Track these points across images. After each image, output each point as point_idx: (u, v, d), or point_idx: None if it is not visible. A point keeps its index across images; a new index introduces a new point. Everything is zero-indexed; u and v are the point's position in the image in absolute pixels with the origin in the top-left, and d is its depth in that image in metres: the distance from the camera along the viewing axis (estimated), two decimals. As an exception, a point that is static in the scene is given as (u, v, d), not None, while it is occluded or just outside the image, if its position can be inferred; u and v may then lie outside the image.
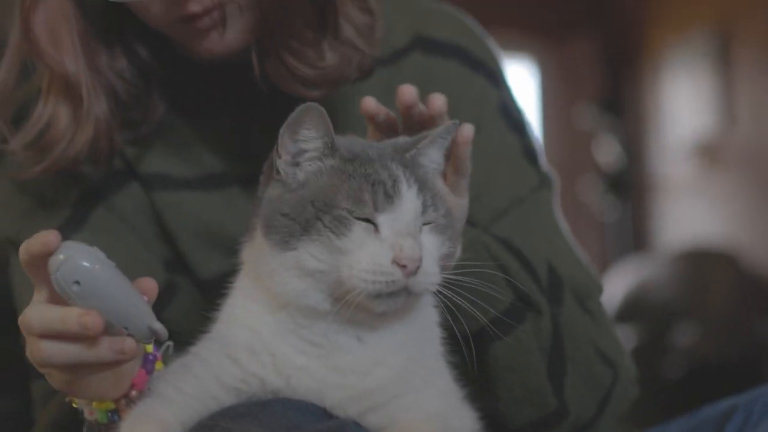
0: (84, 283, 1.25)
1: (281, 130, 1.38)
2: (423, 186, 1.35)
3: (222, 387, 1.38)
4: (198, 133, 1.83)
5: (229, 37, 1.66)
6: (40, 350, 1.29)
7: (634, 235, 8.83)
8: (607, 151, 8.83)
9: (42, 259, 1.27)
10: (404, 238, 1.29)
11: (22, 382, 1.79)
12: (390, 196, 1.31)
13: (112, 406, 1.43)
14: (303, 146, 1.37)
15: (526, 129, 1.93)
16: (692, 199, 8.10)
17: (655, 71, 8.60)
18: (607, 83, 9.18)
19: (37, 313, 1.29)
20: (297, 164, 1.38)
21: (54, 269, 1.25)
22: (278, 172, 1.39)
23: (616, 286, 6.16)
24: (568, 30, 9.24)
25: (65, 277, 1.25)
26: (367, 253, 1.29)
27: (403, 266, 1.28)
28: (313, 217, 1.32)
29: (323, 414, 1.37)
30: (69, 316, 1.26)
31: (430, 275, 1.32)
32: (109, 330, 1.28)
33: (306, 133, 1.37)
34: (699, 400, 1.88)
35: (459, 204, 1.54)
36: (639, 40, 8.91)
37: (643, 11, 8.89)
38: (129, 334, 1.29)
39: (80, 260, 1.25)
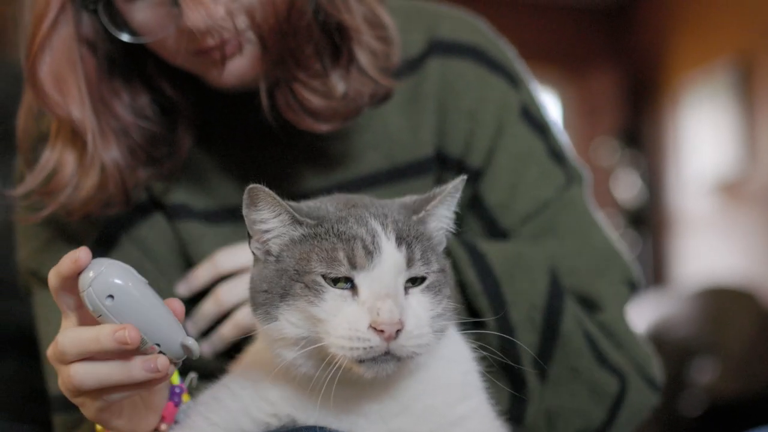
0: (117, 298, 1.24)
1: (243, 212, 1.35)
2: (411, 240, 1.29)
3: (252, 421, 1.38)
4: (217, 166, 1.84)
5: (243, 66, 1.65)
6: (71, 376, 1.27)
7: (653, 271, 8.80)
8: (627, 186, 8.81)
9: (72, 279, 1.26)
10: (382, 300, 1.24)
11: (47, 413, 1.79)
12: (369, 252, 1.26)
13: None
14: (262, 227, 1.34)
15: (550, 128, 1.92)
16: (712, 235, 8.08)
17: (675, 105, 8.59)
18: (628, 117, 9.18)
19: (69, 338, 1.27)
20: (266, 242, 1.35)
21: (86, 285, 1.24)
22: (254, 253, 1.37)
23: (636, 321, 6.10)
24: (589, 64, 9.26)
25: (98, 293, 1.23)
26: (344, 319, 1.25)
27: (381, 331, 1.23)
28: (289, 285, 1.29)
29: None
30: (104, 334, 1.24)
31: (416, 338, 1.25)
32: (141, 348, 1.26)
33: (260, 215, 1.33)
34: (717, 437, 1.87)
35: None
36: (659, 73, 8.91)
37: (663, 45, 8.89)
38: (161, 352, 1.27)
39: (112, 275, 1.24)
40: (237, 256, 1.70)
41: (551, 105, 9.04)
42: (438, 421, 1.36)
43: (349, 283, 1.27)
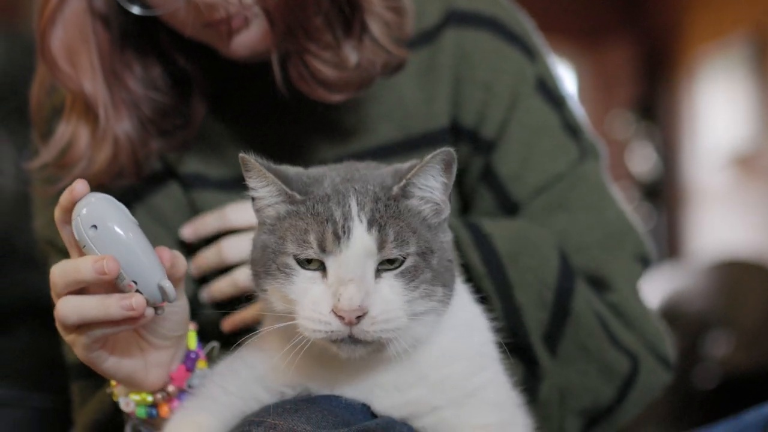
0: (100, 229, 1.26)
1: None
2: (385, 221, 1.28)
3: (266, 390, 1.39)
4: (233, 135, 1.84)
5: (252, 39, 1.65)
6: (58, 310, 1.30)
7: (668, 244, 8.79)
8: (642, 160, 8.79)
9: (70, 212, 1.29)
10: (345, 285, 1.24)
11: (61, 383, 1.81)
12: (338, 237, 1.26)
13: (149, 399, 1.45)
14: (255, 194, 1.35)
15: (566, 102, 1.91)
16: (727, 208, 8.06)
17: (691, 78, 8.56)
18: (643, 90, 9.15)
19: (59, 268, 1.30)
20: (259, 210, 1.36)
21: (75, 214, 1.28)
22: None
23: (649, 295, 6.11)
24: (604, 36, 9.22)
25: (84, 222, 1.27)
26: (309, 301, 1.27)
27: (341, 316, 1.24)
28: (269, 263, 1.31)
29: (369, 412, 1.37)
30: (84, 263, 1.26)
31: (381, 323, 1.25)
32: (119, 285, 1.28)
33: (252, 182, 1.35)
34: (732, 410, 1.86)
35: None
36: (675, 46, 8.88)
37: (679, 17, 8.85)
38: (138, 290, 1.29)
39: (99, 207, 1.28)
40: (248, 212, 1.68)
41: (566, 77, 9.02)
42: (454, 392, 1.37)
43: (319, 263, 1.28)
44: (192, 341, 1.49)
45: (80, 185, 1.28)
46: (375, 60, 1.69)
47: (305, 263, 1.29)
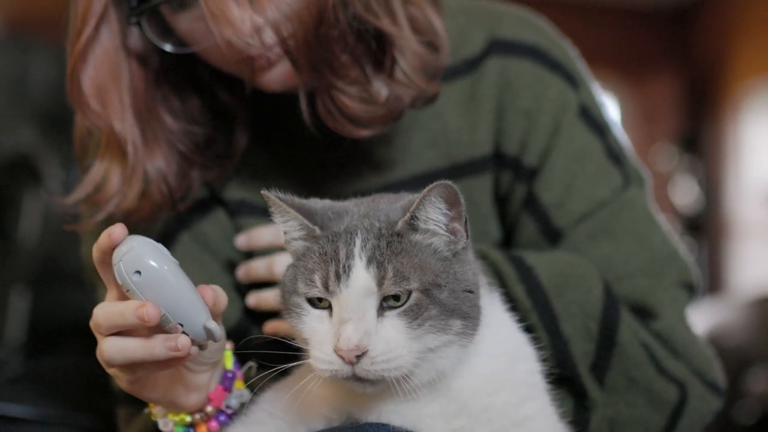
0: (144, 274, 1.27)
1: None
2: (385, 258, 1.28)
3: (314, 415, 1.40)
4: (276, 163, 1.85)
5: (282, 74, 1.66)
6: (102, 351, 1.31)
7: (709, 278, 8.73)
8: (685, 192, 8.75)
9: (109, 254, 1.29)
10: (344, 324, 1.25)
11: (107, 404, 1.83)
12: (338, 276, 1.28)
13: (188, 420, 1.47)
14: (283, 228, 1.38)
15: (609, 129, 1.91)
16: (769, 243, 8.00)
17: (735, 112, 8.51)
18: (687, 123, 9.11)
19: (101, 310, 1.31)
20: (288, 243, 1.39)
21: (117, 259, 1.28)
22: None
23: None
24: (649, 68, 9.20)
25: (126, 268, 1.27)
26: (317, 340, 1.29)
27: (341, 356, 1.25)
28: (286, 300, 1.35)
29: None
30: (128, 309, 1.27)
31: (382, 362, 1.26)
32: (165, 327, 1.29)
33: (276, 218, 1.38)
34: (772, 447, 1.85)
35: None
36: (720, 79, 8.83)
37: (725, 51, 8.81)
38: (184, 332, 1.30)
39: (142, 252, 1.27)
40: None
41: (610, 108, 8.98)
42: (500, 421, 1.36)
43: (329, 304, 1.30)
44: (228, 361, 1.50)
45: (119, 230, 1.28)
46: (404, 95, 1.69)
47: (316, 302, 1.31)
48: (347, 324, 1.25)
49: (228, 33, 1.55)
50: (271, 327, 1.68)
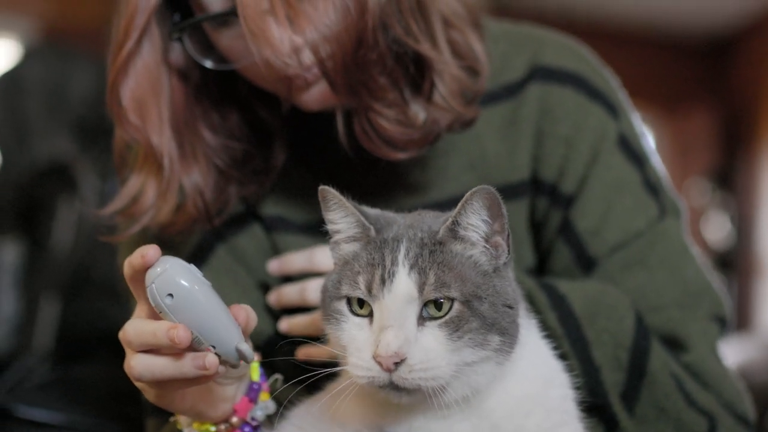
0: (177, 297, 1.27)
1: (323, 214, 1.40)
2: (426, 264, 1.29)
3: (344, 429, 1.40)
4: (313, 181, 1.83)
5: (321, 94, 1.67)
6: (132, 367, 1.32)
7: (737, 315, 8.67)
8: (716, 228, 8.71)
9: (141, 273, 1.30)
10: (384, 331, 1.26)
11: (137, 412, 1.83)
12: (383, 281, 1.29)
13: (212, 429, 1.47)
14: (333, 227, 1.39)
15: (648, 159, 1.91)
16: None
17: (770, 149, 8.49)
18: (721, 159, 9.07)
19: (133, 328, 1.32)
20: (336, 244, 1.40)
21: (150, 281, 1.28)
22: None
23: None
24: (685, 102, 9.17)
25: (159, 290, 1.27)
26: (355, 347, 1.30)
27: (379, 362, 1.26)
28: (327, 305, 1.35)
29: None
30: (160, 330, 1.28)
31: (420, 371, 1.26)
32: (197, 347, 1.30)
33: (332, 215, 1.39)
34: (796, 487, 1.84)
35: None
36: (756, 116, 8.80)
37: (760, 87, 8.78)
38: (216, 354, 1.30)
39: (175, 274, 1.28)
40: None
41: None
42: None
43: (370, 308, 1.30)
44: (255, 373, 1.50)
45: (152, 251, 1.29)
46: (441, 118, 1.69)
47: (356, 308, 1.32)
48: (387, 330, 1.26)
49: (267, 52, 1.56)
50: (303, 353, 1.69)
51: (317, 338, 1.52)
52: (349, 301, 1.32)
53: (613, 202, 1.82)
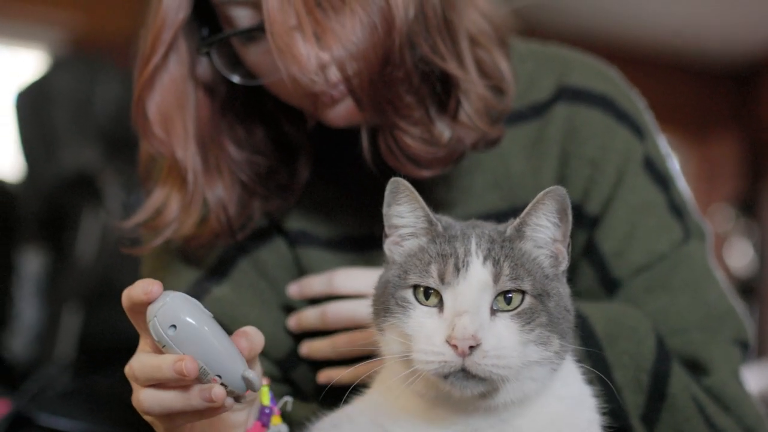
0: (179, 329, 1.27)
1: (383, 210, 1.40)
2: (500, 256, 1.30)
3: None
4: (337, 197, 1.86)
5: (347, 111, 1.67)
6: (140, 401, 1.32)
7: (758, 343, 8.63)
8: (740, 255, 8.67)
9: (142, 306, 1.29)
10: (460, 315, 1.25)
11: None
12: (457, 269, 1.29)
13: None
14: (399, 221, 1.39)
15: (673, 182, 1.90)
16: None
17: (795, 178, 8.46)
18: (745, 186, 9.04)
19: (138, 363, 1.31)
20: (399, 243, 1.39)
21: (151, 315, 1.27)
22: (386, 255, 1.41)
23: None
24: (711, 129, 9.16)
25: (161, 323, 1.27)
26: (424, 334, 1.28)
27: (455, 345, 1.24)
28: (387, 299, 1.33)
29: None
30: (165, 363, 1.26)
31: (493, 358, 1.25)
32: (203, 379, 1.29)
33: (400, 207, 1.38)
34: None
35: None
36: (782, 145, 8.78)
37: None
38: (222, 384, 1.29)
39: (176, 307, 1.27)
40: (355, 280, 1.72)
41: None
42: None
43: (438, 298, 1.30)
44: (265, 397, 1.49)
45: (156, 288, 1.28)
46: (466, 137, 1.69)
47: (424, 298, 1.31)
48: (464, 315, 1.25)
49: (293, 69, 1.56)
50: (324, 376, 1.69)
51: (338, 362, 1.52)
52: (415, 292, 1.32)
53: (637, 223, 1.81)
